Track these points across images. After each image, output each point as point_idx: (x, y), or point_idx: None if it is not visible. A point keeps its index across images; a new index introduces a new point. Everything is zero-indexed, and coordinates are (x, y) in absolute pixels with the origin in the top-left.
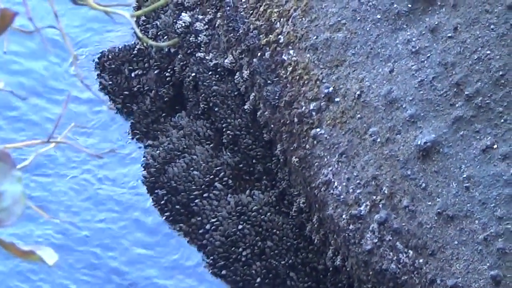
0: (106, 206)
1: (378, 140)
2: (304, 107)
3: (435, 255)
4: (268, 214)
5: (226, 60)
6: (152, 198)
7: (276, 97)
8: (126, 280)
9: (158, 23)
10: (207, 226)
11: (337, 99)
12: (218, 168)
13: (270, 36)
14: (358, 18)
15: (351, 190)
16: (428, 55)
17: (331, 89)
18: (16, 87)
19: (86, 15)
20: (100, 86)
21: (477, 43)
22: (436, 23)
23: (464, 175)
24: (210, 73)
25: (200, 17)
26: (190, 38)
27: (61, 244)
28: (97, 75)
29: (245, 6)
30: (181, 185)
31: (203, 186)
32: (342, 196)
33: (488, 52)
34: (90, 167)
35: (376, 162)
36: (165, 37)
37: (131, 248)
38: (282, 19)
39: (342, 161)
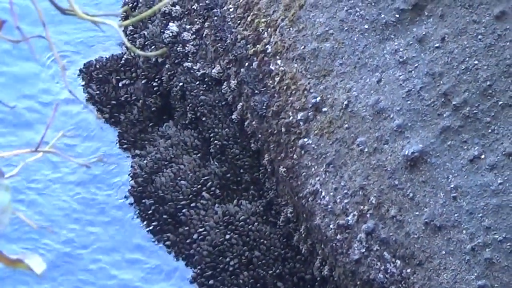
0: (94, 215)
1: (366, 150)
2: (291, 117)
3: (423, 265)
4: (256, 224)
5: (213, 70)
6: (140, 208)
7: (264, 107)
8: (112, 286)
9: (146, 33)
10: (195, 236)
11: (324, 109)
12: (205, 177)
13: (258, 46)
14: (346, 28)
15: (338, 200)
16: (416, 65)
17: (318, 99)
18: (4, 95)
19: (74, 24)
20: (88, 96)
21: (464, 53)
22: (424, 33)
23: (452, 185)
24: (197, 82)
25: (188, 27)
26: (178, 48)
27: (48, 251)
28: (85, 84)
29: (232, 16)
30: (169, 194)
31: (190, 196)
32: (329, 206)
33: (476, 62)
34: (77, 176)
35: (364, 172)
36: (153, 47)
37: (118, 256)
38: (269, 29)
39: (330, 171)
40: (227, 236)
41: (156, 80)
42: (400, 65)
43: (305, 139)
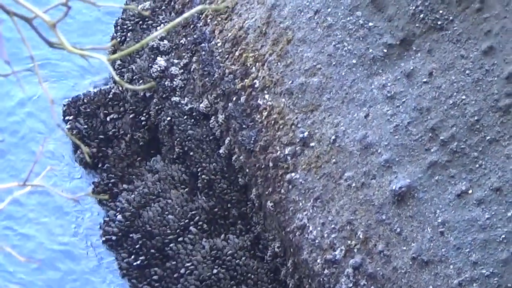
0: (80, 249)
1: (353, 185)
2: (279, 152)
3: None
4: (243, 258)
5: (201, 105)
6: (127, 242)
7: (251, 142)
8: None
9: (134, 67)
10: (182, 270)
11: (312, 144)
12: (193, 212)
13: (246, 80)
14: (334, 63)
15: (326, 235)
16: (403, 100)
17: (306, 133)
18: None
19: (62, 58)
20: (76, 130)
21: (452, 88)
22: (412, 68)
23: (439, 220)
24: (185, 117)
25: (176, 61)
26: (166, 82)
27: (35, 282)
28: (73, 118)
29: (220, 50)
30: (156, 229)
31: (178, 230)
32: (317, 241)
33: (464, 97)
34: (65, 211)
35: (351, 206)
36: (141, 81)
37: None
38: (257, 64)
39: (317, 205)
40: (215, 271)
41: (144, 114)
42: (387, 100)
43: (293, 174)
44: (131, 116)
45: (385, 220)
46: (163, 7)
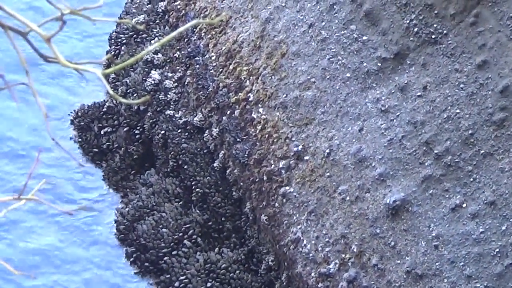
0: (75, 263)
1: (348, 198)
2: (273, 165)
3: None
4: (237, 272)
5: (195, 118)
6: (121, 256)
7: (246, 155)
8: None
9: (128, 80)
10: (176, 284)
11: (306, 158)
12: (187, 225)
13: (240, 94)
14: (328, 77)
15: (320, 248)
16: (398, 113)
17: (300, 147)
18: None
19: (57, 72)
20: (70, 144)
21: (446, 102)
22: (406, 82)
23: (433, 234)
24: (179, 130)
25: (170, 75)
26: (160, 96)
27: None
28: (67, 132)
29: (214, 64)
30: (150, 242)
31: (172, 244)
32: (311, 254)
33: (458, 111)
34: (60, 224)
35: (345, 220)
36: (135, 95)
37: None
38: (251, 77)
39: (311, 219)
40: (209, 284)
41: (138, 128)
42: (382, 113)
43: (287, 188)
44: (125, 129)
45: (379, 234)
46: (157, 21)
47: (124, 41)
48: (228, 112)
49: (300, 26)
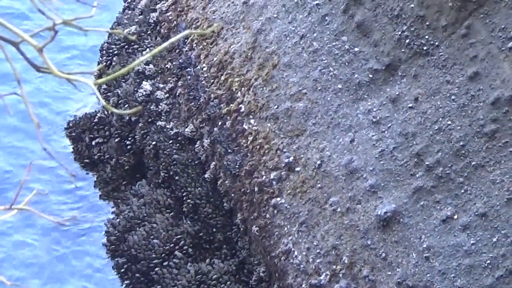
0: (65, 274)
1: (339, 210)
2: (264, 177)
3: None
4: (228, 283)
5: (186, 129)
6: (112, 266)
7: (237, 166)
8: None
9: (119, 91)
10: None
11: (297, 169)
12: (178, 236)
13: (231, 105)
14: (319, 88)
15: (311, 260)
16: (389, 125)
17: (291, 158)
18: None
19: (49, 82)
20: (61, 154)
21: (438, 113)
22: (397, 93)
23: (424, 245)
24: (170, 141)
25: (161, 85)
26: (151, 107)
27: None
28: (59, 142)
29: (206, 75)
30: (141, 253)
31: (163, 255)
32: (302, 266)
33: (449, 122)
34: (51, 234)
35: (336, 231)
36: (126, 106)
37: None
38: (243, 89)
39: (302, 230)
40: None
41: (129, 138)
42: (373, 125)
43: (278, 199)
44: (116, 140)
45: (371, 245)
46: (149, 32)
47: (116, 51)
48: (220, 123)
49: (291, 37)
